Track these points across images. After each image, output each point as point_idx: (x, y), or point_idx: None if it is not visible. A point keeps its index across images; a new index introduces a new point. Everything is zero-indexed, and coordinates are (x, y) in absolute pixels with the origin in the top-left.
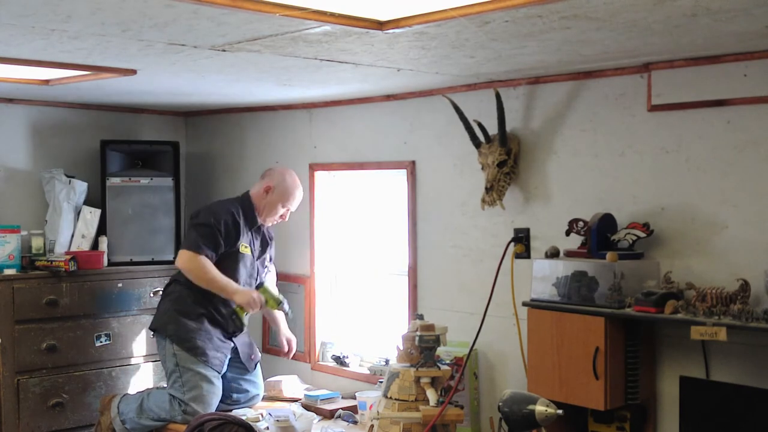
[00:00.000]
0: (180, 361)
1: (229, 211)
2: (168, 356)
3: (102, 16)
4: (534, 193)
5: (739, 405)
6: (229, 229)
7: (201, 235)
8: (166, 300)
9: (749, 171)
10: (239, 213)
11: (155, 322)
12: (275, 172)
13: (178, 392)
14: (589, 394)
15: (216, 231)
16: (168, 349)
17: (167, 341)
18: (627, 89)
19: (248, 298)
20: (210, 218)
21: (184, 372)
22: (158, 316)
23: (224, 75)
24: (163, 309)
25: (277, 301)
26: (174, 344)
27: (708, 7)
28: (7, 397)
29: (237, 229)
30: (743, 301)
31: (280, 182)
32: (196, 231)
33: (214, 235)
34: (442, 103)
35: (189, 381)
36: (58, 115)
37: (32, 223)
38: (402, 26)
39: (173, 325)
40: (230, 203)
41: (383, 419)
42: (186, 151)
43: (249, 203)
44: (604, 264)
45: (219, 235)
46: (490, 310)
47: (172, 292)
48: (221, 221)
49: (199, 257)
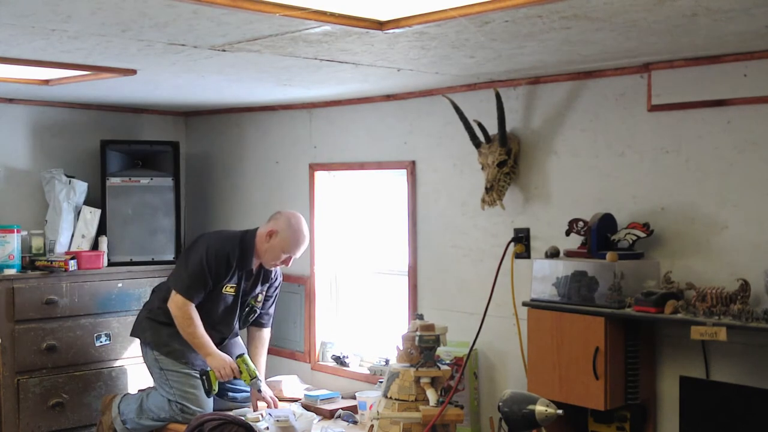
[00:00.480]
0: (163, 365)
1: (224, 255)
2: (151, 362)
3: (102, 16)
4: (534, 193)
5: (739, 405)
6: (220, 273)
7: (192, 278)
8: (144, 308)
9: (749, 171)
10: (234, 256)
11: (134, 330)
12: (282, 217)
13: (168, 395)
14: (589, 394)
15: (207, 275)
16: (149, 355)
17: (147, 348)
18: (627, 89)
19: (221, 365)
20: (203, 260)
21: (170, 375)
22: (136, 324)
23: (224, 75)
24: (141, 317)
25: (251, 375)
26: (154, 350)
27: (708, 7)
28: (7, 397)
29: (227, 272)
30: (743, 301)
31: (284, 229)
32: (188, 271)
33: (204, 278)
34: (442, 103)
35: (176, 383)
36: (58, 115)
37: (32, 223)
38: (402, 26)
39: (150, 332)
40: (230, 243)
41: (383, 419)
42: (186, 151)
43: (251, 245)
44: (604, 264)
45: (209, 278)
46: (490, 310)
47: (151, 300)
48: (213, 266)
49: (188, 306)
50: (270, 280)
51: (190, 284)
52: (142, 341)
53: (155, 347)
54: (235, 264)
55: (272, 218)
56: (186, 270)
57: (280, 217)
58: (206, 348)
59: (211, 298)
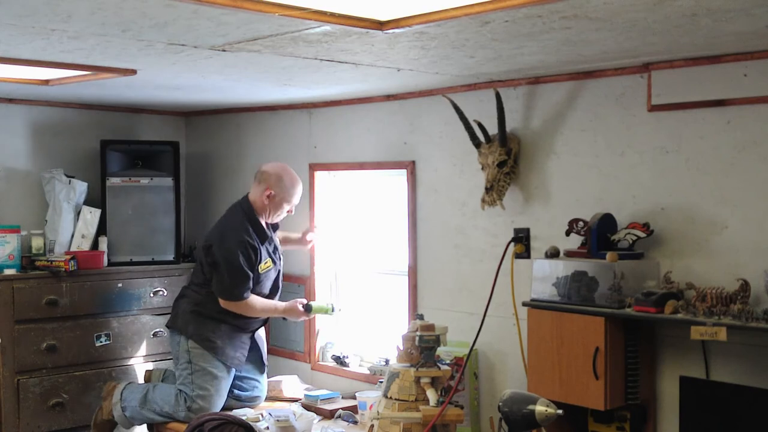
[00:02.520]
0: (193, 359)
1: (244, 241)
2: (182, 352)
3: (102, 16)
4: (534, 193)
5: (739, 405)
6: (252, 260)
7: (234, 280)
8: (184, 301)
9: (749, 171)
10: (252, 236)
11: (174, 322)
12: (271, 175)
13: (187, 388)
14: (589, 394)
15: (245, 270)
16: (183, 346)
17: (182, 338)
18: (627, 89)
19: (295, 313)
20: (233, 258)
21: (196, 370)
22: (178, 316)
23: (224, 75)
24: (184, 309)
25: (328, 309)
26: (190, 341)
27: (708, 7)
28: (7, 397)
29: (256, 254)
30: (743, 301)
31: (279, 185)
32: (229, 276)
33: (245, 275)
34: (442, 103)
35: (199, 379)
36: (58, 115)
37: (32, 223)
38: (402, 26)
39: (193, 325)
40: (240, 227)
41: (383, 419)
42: (186, 151)
43: (254, 216)
44: (604, 264)
45: (248, 271)
46: (490, 310)
47: (189, 294)
48: (243, 259)
49: (242, 303)
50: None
51: (234, 290)
52: (180, 332)
53: (196, 339)
54: (257, 242)
55: (261, 179)
56: (227, 278)
57: (269, 176)
58: (278, 309)
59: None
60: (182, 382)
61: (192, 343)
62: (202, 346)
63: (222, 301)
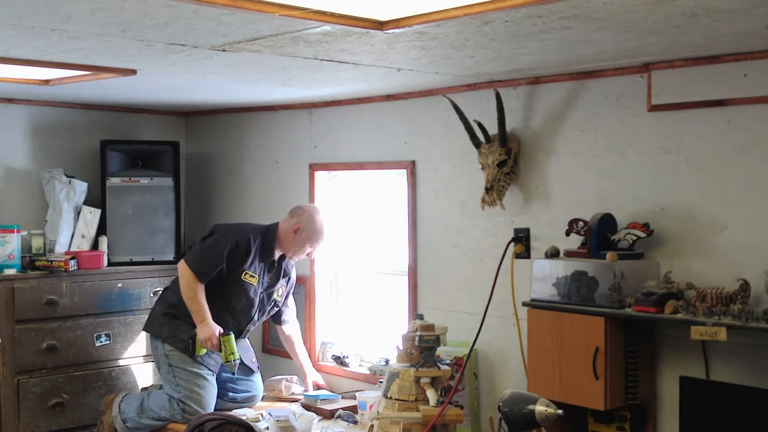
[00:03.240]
0: (172, 362)
1: (246, 237)
2: (161, 357)
3: (102, 16)
4: (534, 193)
5: (739, 405)
6: (236, 252)
7: (204, 252)
8: (159, 303)
9: (749, 171)
10: (255, 242)
11: (148, 325)
12: (305, 213)
13: (174, 392)
14: (589, 394)
15: (221, 251)
16: (160, 350)
17: (159, 342)
18: (627, 89)
19: (209, 335)
20: (222, 238)
21: (177, 372)
22: (152, 319)
23: (224, 75)
24: (157, 312)
25: (229, 355)
26: (166, 345)
27: (708, 7)
28: (7, 397)
29: (246, 255)
30: (743, 301)
31: (309, 224)
32: (203, 246)
33: (218, 255)
34: (442, 103)
35: (182, 380)
36: (58, 115)
37: (32, 223)
38: (402, 26)
39: (167, 328)
40: (253, 230)
41: (383, 419)
42: (186, 151)
43: (272, 237)
44: (604, 264)
45: (222, 255)
46: (490, 310)
47: (166, 296)
48: (230, 243)
49: (192, 274)
50: (288, 275)
51: (201, 258)
52: (155, 336)
53: (170, 342)
54: (255, 252)
55: (294, 214)
56: (200, 246)
57: (302, 213)
58: (201, 314)
59: (231, 284)
60: (169, 387)
61: (168, 347)
62: (177, 348)
63: (179, 266)
